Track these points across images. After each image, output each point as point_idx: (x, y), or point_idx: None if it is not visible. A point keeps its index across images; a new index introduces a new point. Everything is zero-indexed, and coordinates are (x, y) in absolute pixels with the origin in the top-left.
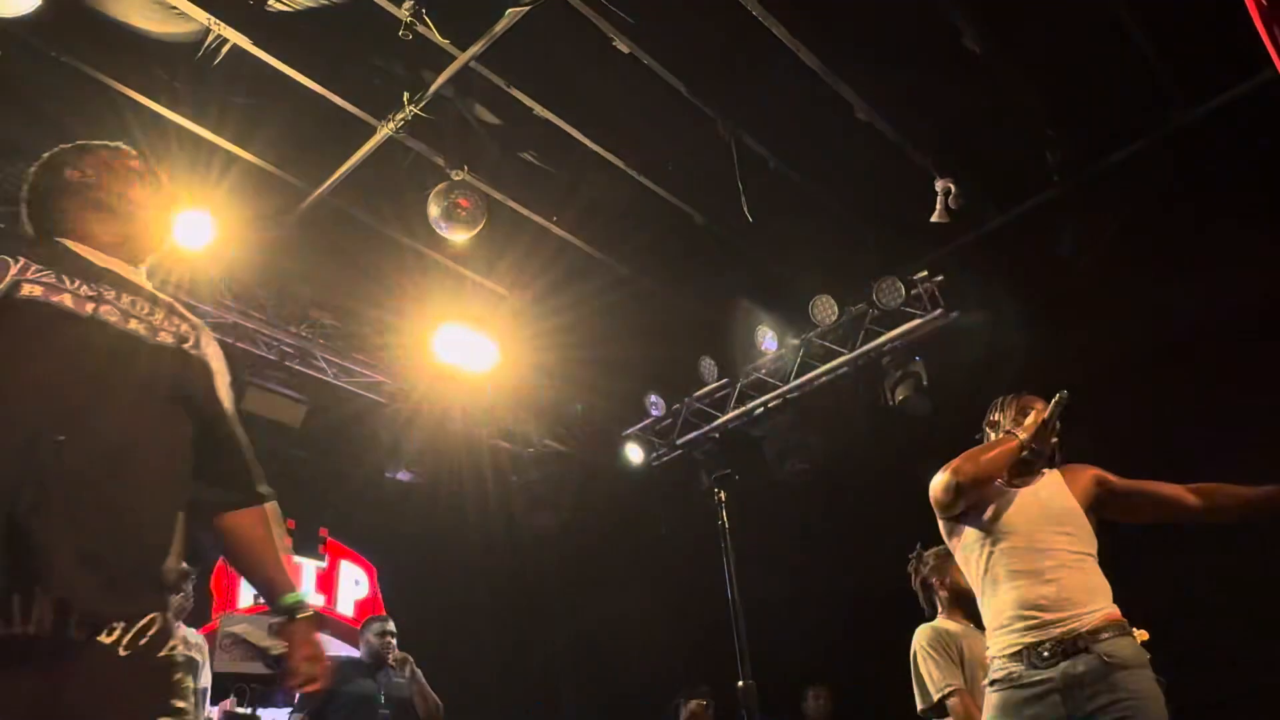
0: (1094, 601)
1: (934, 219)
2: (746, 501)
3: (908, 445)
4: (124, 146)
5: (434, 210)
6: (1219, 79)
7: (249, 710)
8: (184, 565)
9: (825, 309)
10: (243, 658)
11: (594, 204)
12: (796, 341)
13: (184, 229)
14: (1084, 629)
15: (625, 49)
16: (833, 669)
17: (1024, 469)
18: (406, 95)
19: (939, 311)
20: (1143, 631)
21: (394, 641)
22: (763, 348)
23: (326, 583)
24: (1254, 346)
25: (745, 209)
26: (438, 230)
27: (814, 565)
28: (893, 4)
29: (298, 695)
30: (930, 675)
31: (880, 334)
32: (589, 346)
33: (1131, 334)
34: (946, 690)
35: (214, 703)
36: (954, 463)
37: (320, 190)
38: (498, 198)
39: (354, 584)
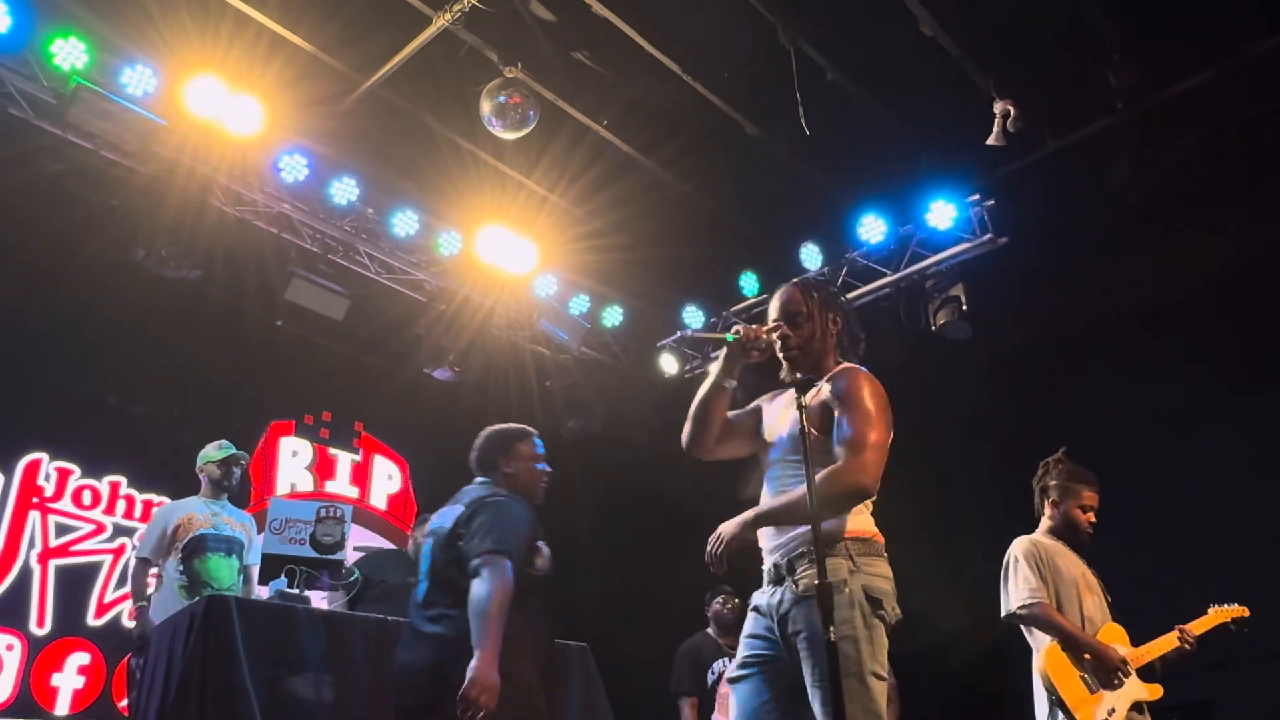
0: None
1: (990, 141)
2: None
3: (943, 370)
4: None
5: (486, 107)
6: None
7: (298, 590)
8: (234, 451)
9: (872, 228)
10: (293, 540)
11: (644, 108)
12: (840, 260)
13: (234, 114)
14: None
15: None
16: None
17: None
18: None
19: (988, 237)
20: None
21: None
22: (805, 264)
23: (361, 476)
24: None
25: (802, 120)
26: (489, 128)
27: None
28: None
29: (355, 569)
30: (1017, 584)
31: (926, 256)
32: (629, 250)
33: (1177, 272)
34: (1031, 600)
35: (263, 582)
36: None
37: (372, 80)
38: (548, 97)
39: (387, 478)
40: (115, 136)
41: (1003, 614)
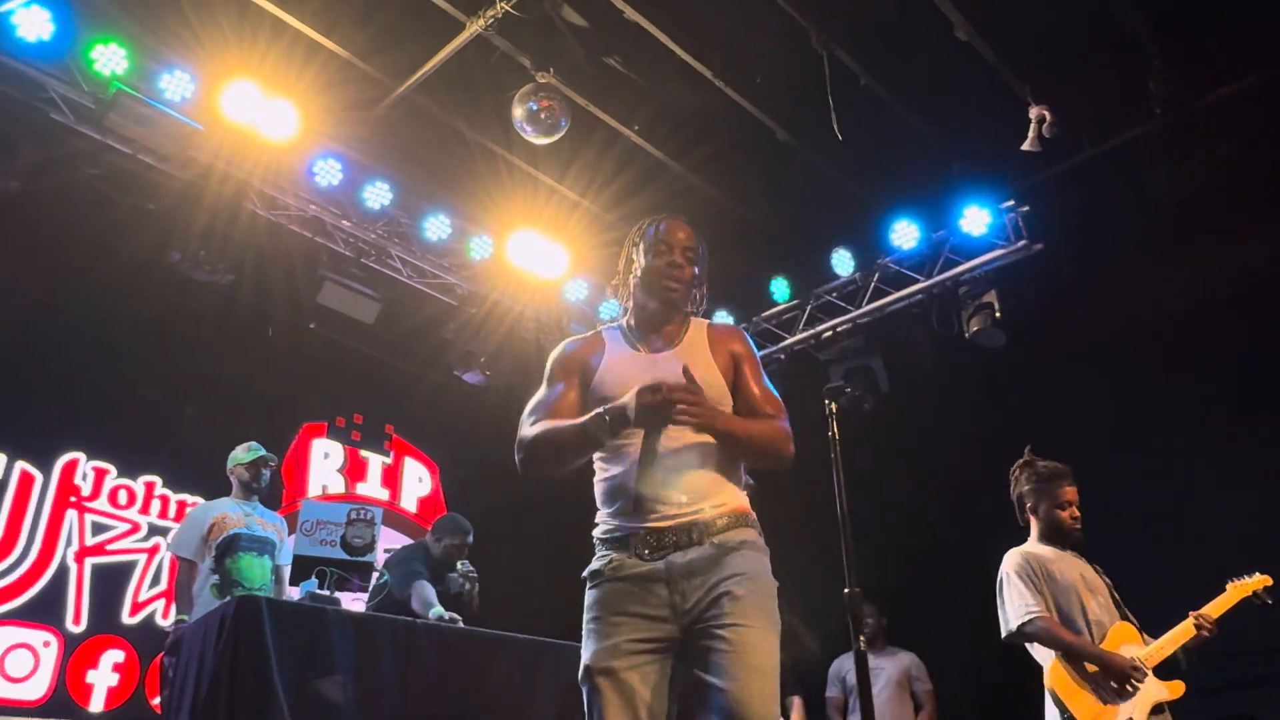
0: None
1: (1025, 147)
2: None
3: (976, 377)
4: None
5: (518, 112)
6: None
7: (329, 592)
8: (263, 453)
9: (905, 234)
10: (323, 542)
11: (675, 113)
12: (872, 266)
13: (269, 119)
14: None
15: None
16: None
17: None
18: None
19: (1022, 243)
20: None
21: (465, 551)
22: (837, 270)
23: (391, 478)
24: None
25: (835, 126)
26: (521, 133)
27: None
28: None
29: (384, 571)
30: (1012, 602)
31: (959, 262)
32: None
33: (1213, 280)
34: (1027, 617)
35: (294, 583)
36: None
37: (406, 86)
38: (580, 102)
39: (418, 481)
40: (152, 141)
41: (1003, 635)
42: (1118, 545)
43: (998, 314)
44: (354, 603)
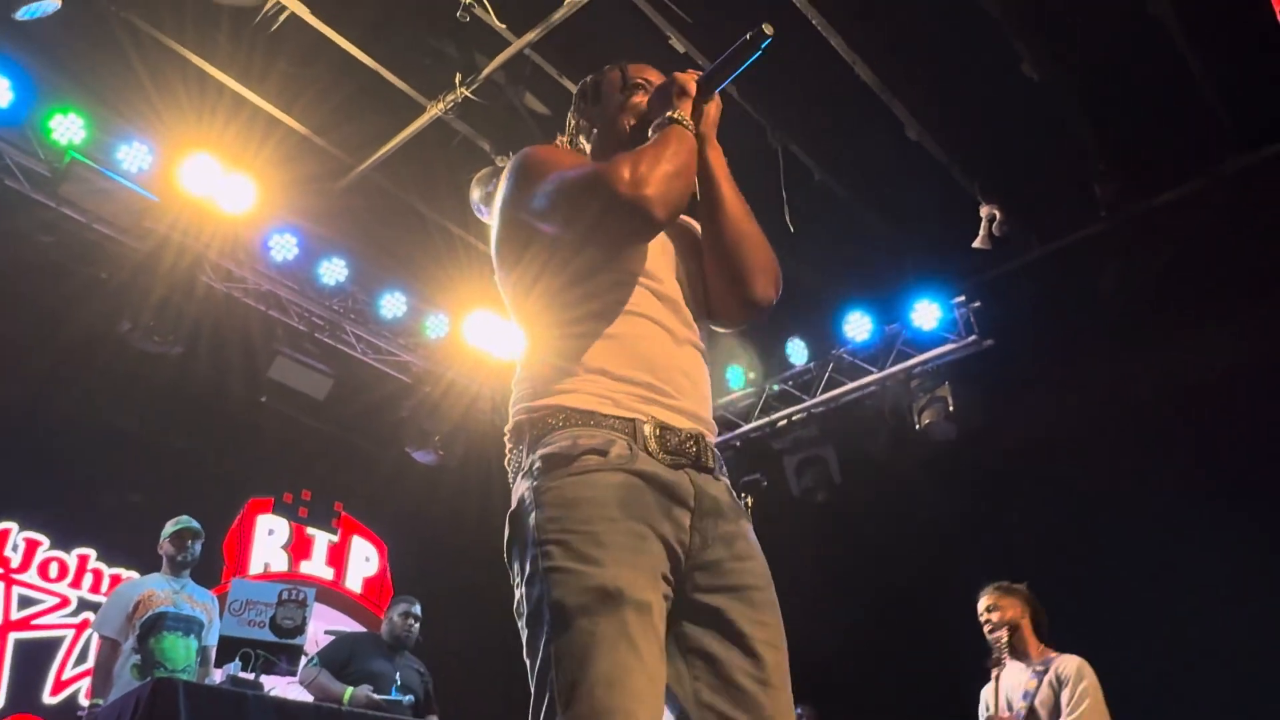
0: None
1: (976, 245)
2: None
3: (928, 471)
4: None
5: (475, 194)
6: (1277, 124)
7: (253, 676)
8: (189, 525)
9: (859, 325)
10: (251, 623)
11: None
12: (826, 357)
13: (227, 192)
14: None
15: (681, 48)
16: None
17: None
18: (459, 77)
19: (973, 338)
20: None
21: (417, 627)
22: (792, 359)
23: (337, 557)
24: None
25: (788, 219)
26: (478, 215)
27: (822, 584)
28: (954, 25)
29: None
30: None
31: (912, 355)
32: None
33: (1160, 378)
34: None
35: (218, 664)
36: (633, 171)
37: (365, 165)
38: None
39: (364, 560)
40: (108, 212)
41: None
42: (1083, 645)
43: (951, 408)
44: (289, 687)
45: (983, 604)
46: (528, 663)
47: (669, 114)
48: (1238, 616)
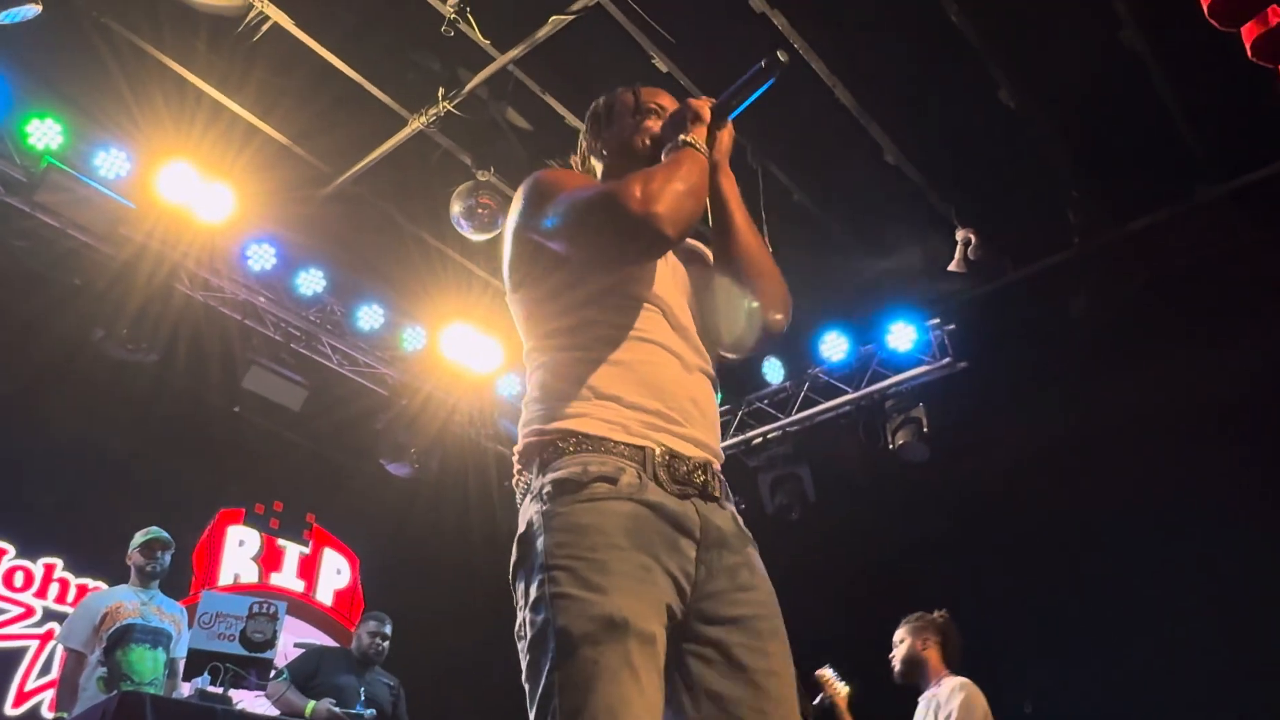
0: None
1: (951, 268)
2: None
3: (900, 491)
4: None
5: (456, 208)
6: (1249, 157)
7: (221, 690)
8: (159, 535)
9: (835, 345)
10: (221, 636)
11: None
12: (802, 376)
13: (205, 201)
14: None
15: (664, 67)
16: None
17: None
18: (441, 91)
19: (947, 360)
20: None
21: (386, 645)
22: (768, 378)
23: (308, 569)
24: (1252, 424)
25: (766, 237)
26: (458, 228)
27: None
28: (933, 52)
29: (284, 670)
30: None
31: (887, 376)
32: None
33: (1129, 403)
34: None
35: (187, 678)
36: (644, 189)
37: (345, 176)
38: None
39: (335, 573)
40: (83, 218)
41: None
42: (1032, 661)
43: (925, 429)
44: (256, 700)
45: (895, 636)
46: (527, 688)
47: (682, 137)
48: (1204, 637)
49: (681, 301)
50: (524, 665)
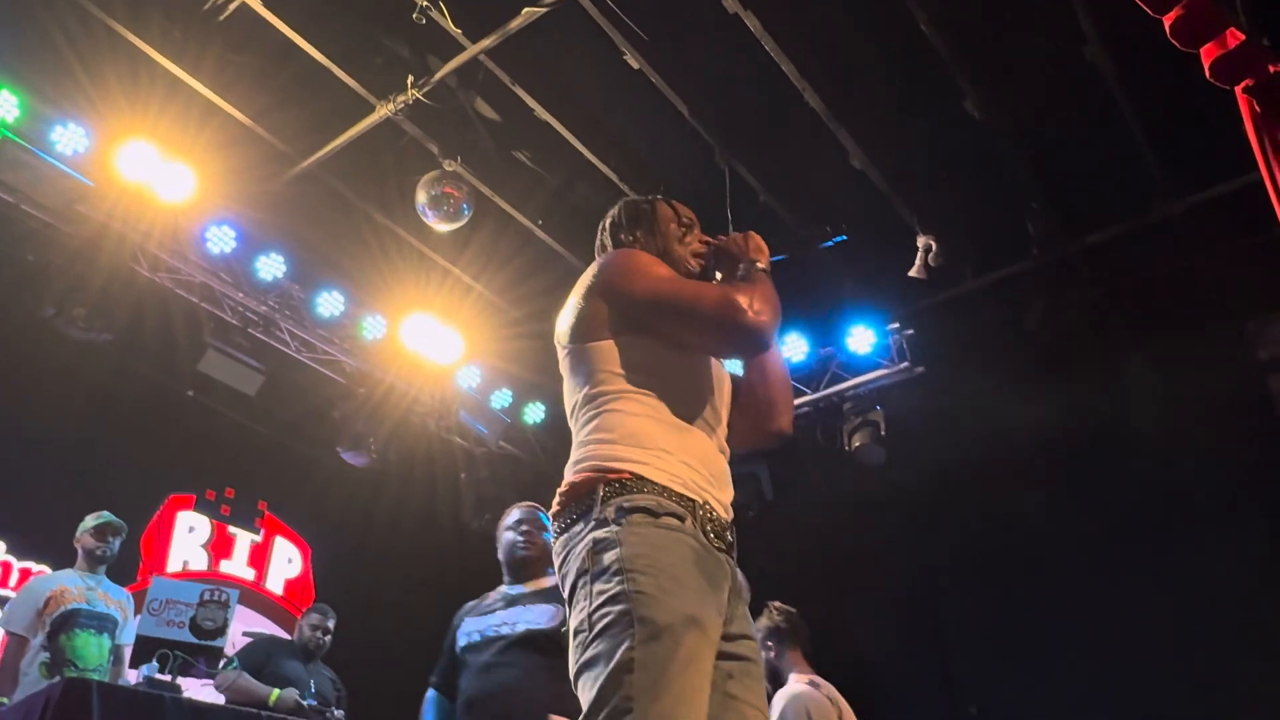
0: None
1: (912, 274)
2: None
3: (856, 491)
4: None
5: (421, 197)
6: (1206, 175)
7: (170, 678)
8: (111, 520)
9: (794, 346)
10: (170, 623)
11: (580, 212)
12: None
13: (165, 180)
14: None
15: (635, 64)
16: None
17: None
18: (410, 78)
19: (905, 365)
20: None
21: (328, 640)
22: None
23: (259, 557)
24: (1198, 438)
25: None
26: (423, 218)
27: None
28: (902, 60)
29: (234, 658)
30: None
31: (845, 379)
32: (554, 351)
33: (1080, 413)
34: None
35: (134, 665)
36: (753, 303)
37: (310, 160)
38: (485, 193)
39: (287, 562)
40: (39, 193)
41: None
42: (991, 665)
43: (882, 432)
44: (202, 689)
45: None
46: (585, 673)
47: (759, 265)
48: (1151, 640)
49: (720, 393)
50: (585, 655)
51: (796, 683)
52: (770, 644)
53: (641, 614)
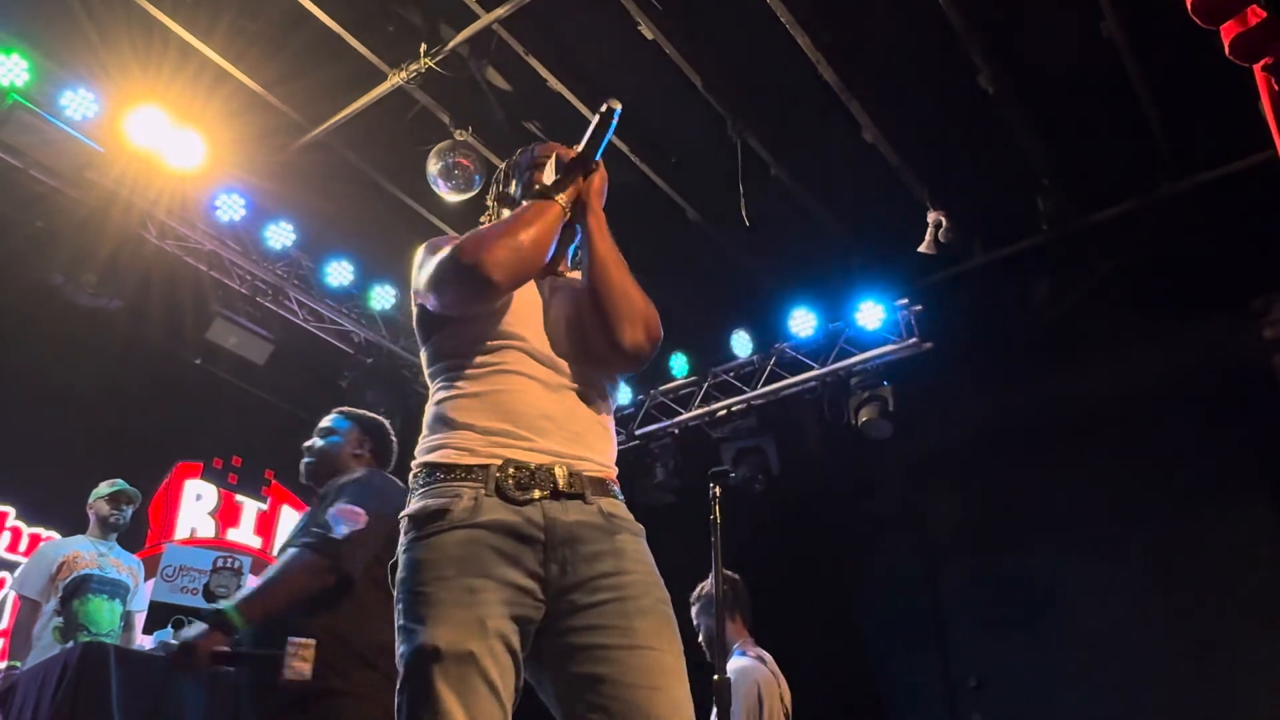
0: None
1: (921, 249)
2: (691, 500)
3: (862, 466)
4: None
5: (433, 167)
6: (1217, 153)
7: None
8: (125, 488)
9: (803, 321)
10: (184, 590)
11: None
12: (770, 350)
13: (175, 147)
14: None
15: (650, 35)
16: None
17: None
18: (423, 47)
19: (913, 340)
20: None
21: None
22: (736, 351)
23: (266, 526)
24: (1202, 416)
25: (743, 211)
26: (434, 188)
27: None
28: (917, 34)
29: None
30: None
31: (853, 354)
32: None
33: (1086, 389)
34: None
35: (148, 630)
36: (477, 243)
37: (321, 128)
38: (496, 163)
39: None
40: (48, 158)
41: None
42: (989, 638)
43: (890, 407)
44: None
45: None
46: None
47: (537, 186)
48: (1155, 618)
49: (539, 331)
50: None
51: (746, 656)
52: (711, 610)
53: (400, 650)
